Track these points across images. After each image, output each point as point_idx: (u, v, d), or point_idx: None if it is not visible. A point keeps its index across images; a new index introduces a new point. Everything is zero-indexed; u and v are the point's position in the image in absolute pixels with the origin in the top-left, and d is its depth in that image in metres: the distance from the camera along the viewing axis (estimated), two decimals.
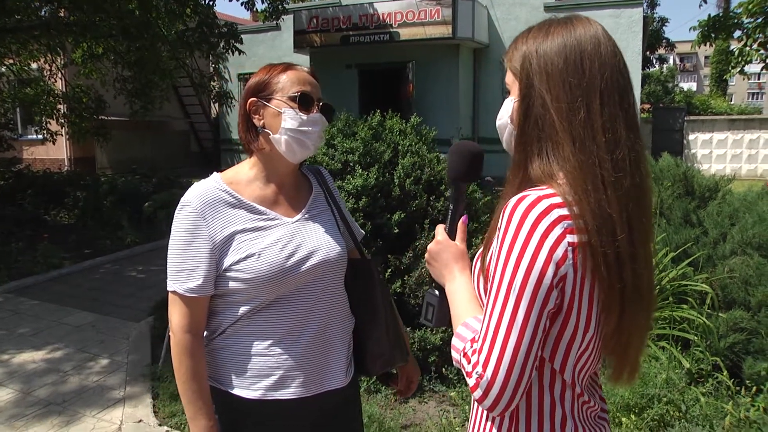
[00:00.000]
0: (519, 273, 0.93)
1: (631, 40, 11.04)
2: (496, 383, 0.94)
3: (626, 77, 1.01)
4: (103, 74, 10.21)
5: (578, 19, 1.04)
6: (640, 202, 0.98)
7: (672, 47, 24.76)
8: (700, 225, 4.33)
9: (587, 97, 0.97)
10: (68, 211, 9.74)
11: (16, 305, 5.62)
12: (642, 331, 1.04)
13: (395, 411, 3.46)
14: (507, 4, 12.35)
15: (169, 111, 14.52)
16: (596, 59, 0.98)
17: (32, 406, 3.67)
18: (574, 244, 0.93)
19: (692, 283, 3.67)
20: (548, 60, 1.00)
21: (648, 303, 1.03)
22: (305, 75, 1.50)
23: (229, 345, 1.47)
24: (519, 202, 0.96)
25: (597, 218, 0.93)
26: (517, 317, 0.93)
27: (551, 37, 1.02)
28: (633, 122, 0.99)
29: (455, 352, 1.04)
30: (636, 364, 1.10)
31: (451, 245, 1.19)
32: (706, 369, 3.28)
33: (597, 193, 0.94)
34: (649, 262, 1.01)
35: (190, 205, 1.43)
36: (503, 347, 0.94)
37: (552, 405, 1.04)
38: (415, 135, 4.97)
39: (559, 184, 0.97)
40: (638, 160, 0.98)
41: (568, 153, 0.96)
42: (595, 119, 0.96)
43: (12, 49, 9.90)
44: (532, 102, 1.01)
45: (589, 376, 1.11)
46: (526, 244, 0.93)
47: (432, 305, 1.24)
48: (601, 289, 0.96)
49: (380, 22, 11.92)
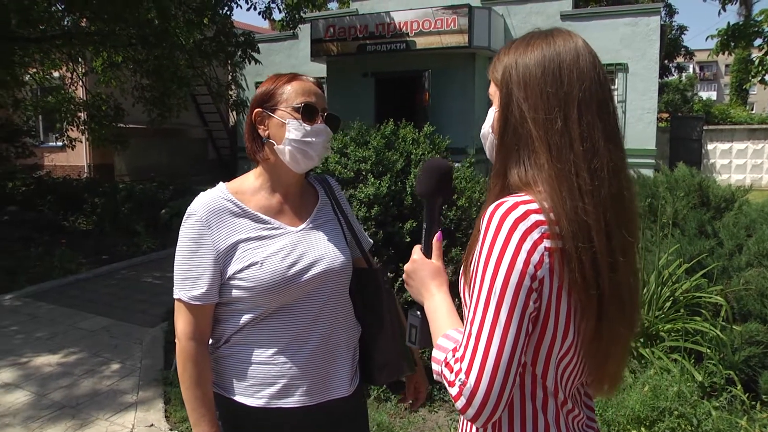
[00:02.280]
0: (498, 277, 0.94)
1: (648, 49, 10.97)
2: (479, 390, 0.92)
3: (606, 89, 1.03)
4: (122, 82, 10.37)
5: (559, 32, 1.06)
6: (619, 212, 0.99)
7: (691, 56, 24.51)
8: (715, 236, 4.28)
9: (565, 107, 0.99)
10: (86, 217, 9.88)
11: (34, 309, 5.72)
12: (622, 341, 1.04)
13: (405, 420, 3.46)
14: (524, 13, 12.33)
15: (187, 119, 14.68)
16: (575, 70, 1.00)
17: (47, 408, 3.72)
18: (551, 249, 0.94)
19: (706, 294, 3.63)
20: (527, 70, 1.03)
21: (630, 314, 1.03)
22: (310, 85, 1.51)
23: (234, 353, 1.49)
24: (497, 209, 0.97)
25: (573, 224, 0.94)
26: (498, 321, 0.93)
27: (531, 48, 1.04)
28: (612, 133, 1.01)
29: (436, 364, 1.03)
30: (617, 375, 1.10)
31: (427, 263, 1.20)
32: (719, 383, 3.23)
33: (573, 201, 0.95)
34: (630, 273, 1.02)
35: (196, 215, 1.45)
36: (486, 352, 0.93)
37: (534, 414, 1.04)
38: (429, 144, 4.98)
39: (538, 191, 0.99)
40: (617, 169, 0.99)
41: (544, 161, 0.98)
42: (573, 128, 0.98)
43: (35, 59, 10.10)
44: (510, 111, 1.04)
45: (576, 387, 1.10)
46: (504, 248, 0.94)
47: (414, 326, 1.23)
48: (576, 294, 0.96)
49: (396, 31, 11.97)
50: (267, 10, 10.78)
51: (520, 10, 12.39)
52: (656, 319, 3.53)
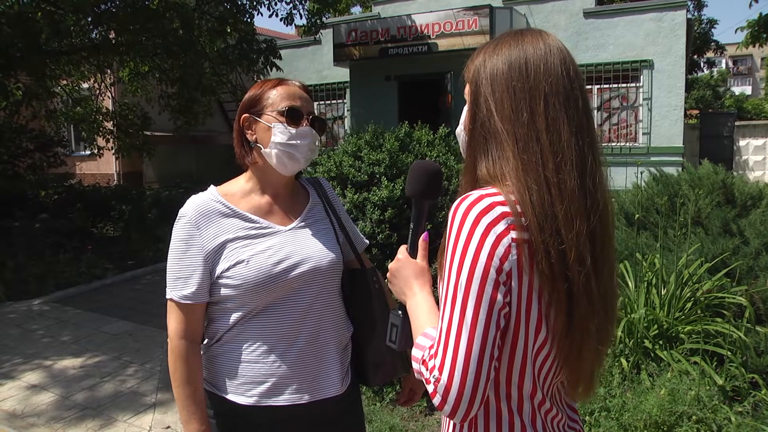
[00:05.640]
0: (463, 271, 0.93)
1: (674, 44, 10.71)
2: (453, 386, 0.92)
3: (575, 84, 1.02)
4: (148, 91, 10.58)
5: (530, 31, 1.07)
6: (587, 205, 0.97)
7: (722, 50, 23.86)
8: (740, 235, 4.15)
9: (531, 100, 1.00)
10: (114, 223, 10.12)
11: (61, 314, 5.87)
12: (594, 340, 1.01)
13: (419, 423, 3.43)
14: (546, 12, 12.19)
15: (213, 125, 14.90)
16: (541, 65, 1.01)
17: (70, 409, 3.81)
18: (517, 240, 0.94)
19: (729, 295, 3.52)
20: (494, 67, 1.04)
21: (603, 309, 1.01)
22: (294, 89, 1.53)
23: (225, 351, 1.50)
24: (461, 202, 0.97)
25: (539, 216, 0.94)
26: (465, 315, 0.93)
27: (500, 47, 1.06)
28: (581, 126, 1.00)
29: (415, 362, 1.03)
30: (591, 377, 1.07)
31: (411, 262, 1.20)
32: (742, 386, 3.13)
33: (540, 192, 0.95)
34: (603, 267, 1.00)
35: (186, 216, 1.48)
36: (456, 348, 0.93)
37: (510, 415, 1.03)
38: (444, 146, 4.96)
39: (506, 184, 0.98)
40: (584, 162, 0.98)
41: (510, 154, 0.99)
42: (538, 121, 0.99)
43: (65, 71, 10.39)
44: (479, 107, 1.05)
45: (555, 386, 1.08)
46: (468, 241, 0.94)
47: (396, 326, 1.22)
48: (546, 287, 0.95)
49: (418, 34, 11.95)
50: (288, 17, 10.89)
51: (542, 8, 12.25)
52: (676, 321, 3.44)
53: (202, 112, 10.66)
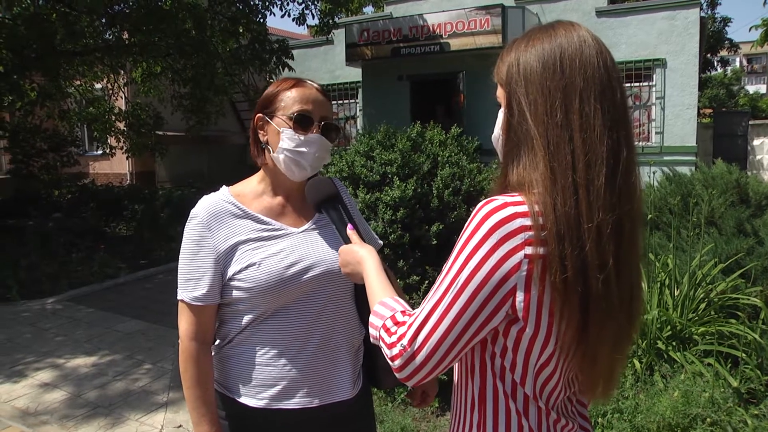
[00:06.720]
0: (465, 270, 0.94)
1: (688, 43, 10.60)
2: (418, 357, 0.97)
3: (612, 74, 0.98)
4: (160, 91, 10.64)
5: (561, 23, 1.03)
6: (615, 202, 0.93)
7: (736, 49, 23.57)
8: (755, 235, 4.10)
9: (566, 98, 0.95)
10: (126, 223, 10.18)
11: (74, 312, 5.92)
12: (612, 343, 0.99)
13: (431, 424, 3.43)
14: (558, 11, 12.11)
15: (226, 125, 14.95)
16: (576, 59, 0.97)
17: (82, 407, 3.84)
18: (531, 256, 0.92)
19: (744, 296, 3.48)
20: (527, 66, 1.00)
21: (626, 313, 0.99)
22: (310, 92, 1.50)
23: (237, 353, 1.50)
24: (484, 205, 0.96)
25: (562, 227, 0.91)
26: (452, 309, 0.95)
27: (532, 44, 1.01)
28: (616, 119, 0.96)
29: (373, 329, 1.07)
30: (611, 377, 1.05)
31: (349, 245, 1.35)
32: (758, 389, 3.09)
33: (564, 197, 0.92)
34: (627, 270, 0.96)
35: (197, 217, 1.48)
36: (433, 330, 0.96)
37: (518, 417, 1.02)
38: (456, 145, 4.94)
39: (532, 193, 0.95)
40: (617, 157, 0.95)
41: (540, 160, 0.95)
42: (573, 119, 0.94)
43: (79, 71, 10.48)
44: (512, 111, 1.01)
45: (562, 400, 1.07)
46: (479, 245, 0.93)
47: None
48: (556, 299, 0.93)
49: (430, 34, 11.92)
50: (301, 17, 10.91)
51: (554, 7, 12.18)
52: (689, 322, 3.41)
53: (215, 112, 10.70)
